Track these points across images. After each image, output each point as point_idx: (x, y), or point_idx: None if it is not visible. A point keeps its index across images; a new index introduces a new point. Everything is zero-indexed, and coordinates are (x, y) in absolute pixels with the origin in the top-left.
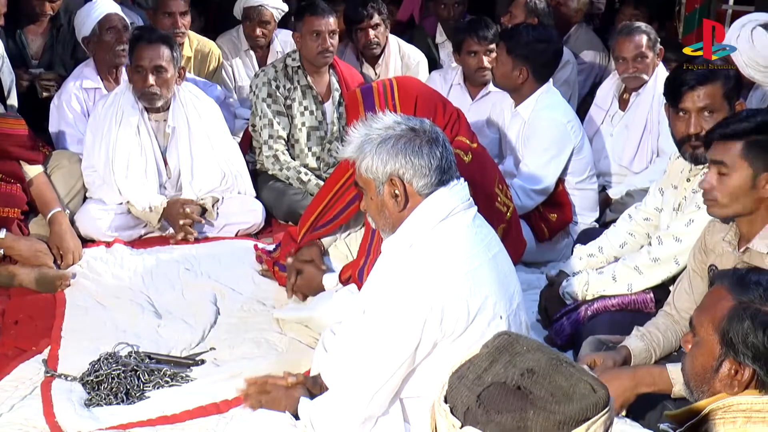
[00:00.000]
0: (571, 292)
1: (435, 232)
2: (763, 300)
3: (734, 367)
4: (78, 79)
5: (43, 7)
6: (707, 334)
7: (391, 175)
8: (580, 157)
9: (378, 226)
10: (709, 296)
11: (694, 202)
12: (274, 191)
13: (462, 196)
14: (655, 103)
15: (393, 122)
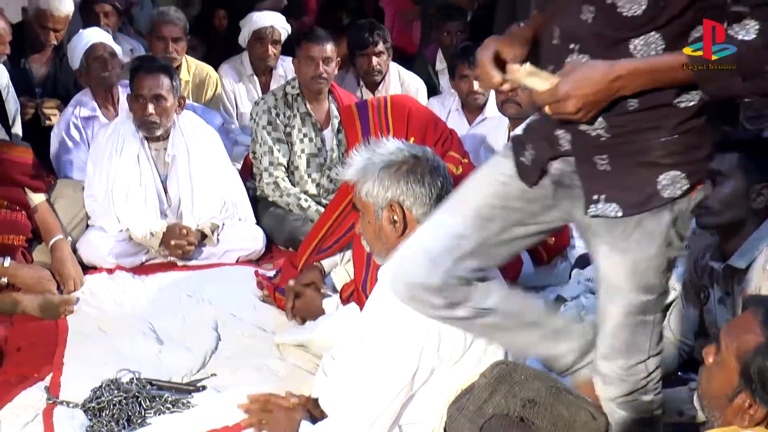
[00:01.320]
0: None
1: None
2: None
3: (749, 401)
4: (76, 108)
5: (47, 37)
6: (730, 359)
7: (391, 201)
8: None
9: (372, 250)
10: (742, 320)
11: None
12: (275, 218)
13: None
14: None
15: (396, 148)
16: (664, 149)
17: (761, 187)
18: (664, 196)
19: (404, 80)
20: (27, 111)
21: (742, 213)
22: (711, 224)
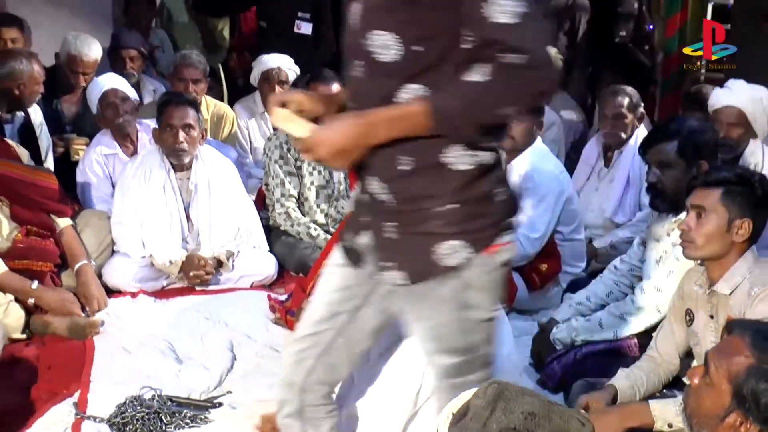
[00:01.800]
0: (561, 338)
1: None
2: None
3: (740, 420)
4: (98, 146)
5: (77, 80)
6: (720, 381)
7: None
8: (569, 207)
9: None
10: (730, 343)
11: (673, 255)
12: (286, 245)
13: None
14: (636, 160)
15: None
16: (442, 219)
17: (742, 222)
18: (444, 266)
19: None
20: (58, 147)
21: (725, 246)
22: (696, 257)
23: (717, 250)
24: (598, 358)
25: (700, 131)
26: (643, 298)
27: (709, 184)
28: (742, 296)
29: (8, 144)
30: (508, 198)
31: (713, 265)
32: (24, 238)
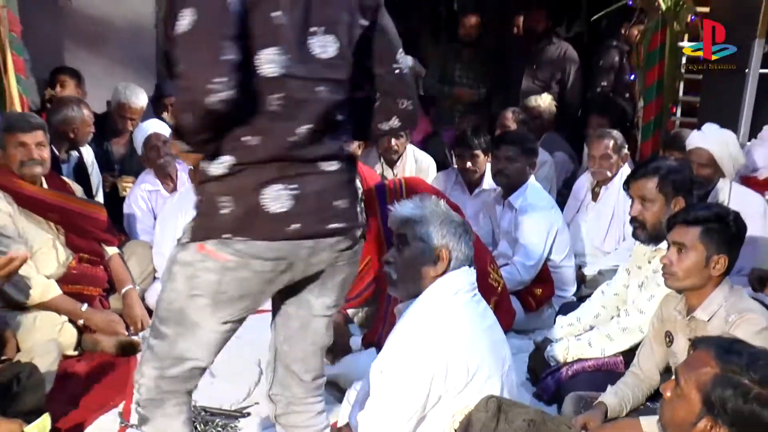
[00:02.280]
0: (555, 356)
1: (445, 305)
2: (744, 371)
3: (710, 424)
4: (142, 183)
5: (125, 125)
6: (690, 391)
7: (442, 246)
8: (561, 238)
9: (398, 278)
10: (695, 358)
11: (654, 281)
12: None
13: (470, 279)
14: (621, 195)
15: (452, 212)
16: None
17: (719, 258)
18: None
19: (418, 158)
20: (107, 184)
21: (703, 279)
22: (677, 288)
23: (696, 283)
24: (588, 374)
25: (677, 170)
26: (627, 320)
27: (688, 223)
28: (720, 322)
29: (64, 181)
30: (230, 214)
31: (692, 294)
32: (77, 265)
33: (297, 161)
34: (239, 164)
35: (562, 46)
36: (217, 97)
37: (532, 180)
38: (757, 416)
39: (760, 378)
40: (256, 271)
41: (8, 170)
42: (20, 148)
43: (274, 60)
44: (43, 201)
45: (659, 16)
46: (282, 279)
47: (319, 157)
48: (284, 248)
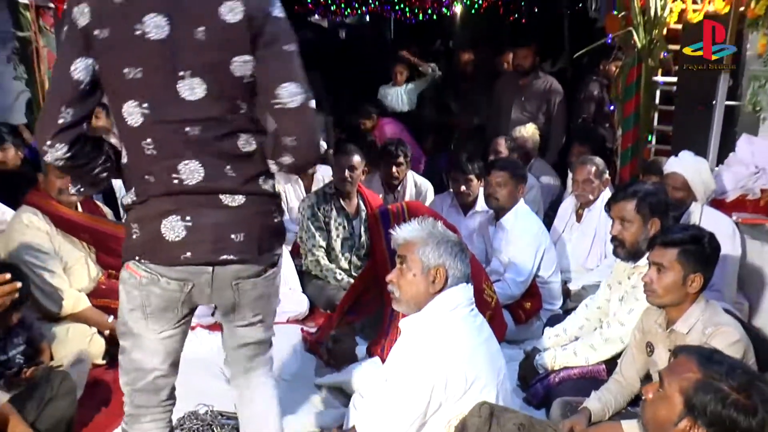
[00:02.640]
0: (543, 364)
1: (445, 319)
2: (723, 378)
3: (690, 425)
4: None
5: None
6: (673, 393)
7: (439, 266)
8: (548, 256)
9: (400, 296)
10: (679, 363)
11: (633, 296)
12: (316, 287)
13: (468, 295)
14: (602, 216)
15: (448, 232)
16: None
17: (695, 276)
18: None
19: (417, 183)
20: None
21: (681, 296)
22: (657, 304)
23: (674, 299)
24: (574, 381)
25: (653, 193)
26: (609, 331)
27: (666, 244)
28: (698, 334)
29: (97, 204)
30: (139, 239)
31: (672, 309)
32: (106, 280)
33: (193, 194)
34: (143, 196)
35: (547, 80)
36: (51, 155)
37: (521, 203)
38: (733, 420)
39: (738, 385)
40: (165, 288)
41: (47, 194)
42: (60, 178)
43: (133, 111)
44: (78, 223)
45: (635, 53)
46: (193, 297)
47: (218, 190)
48: (185, 271)
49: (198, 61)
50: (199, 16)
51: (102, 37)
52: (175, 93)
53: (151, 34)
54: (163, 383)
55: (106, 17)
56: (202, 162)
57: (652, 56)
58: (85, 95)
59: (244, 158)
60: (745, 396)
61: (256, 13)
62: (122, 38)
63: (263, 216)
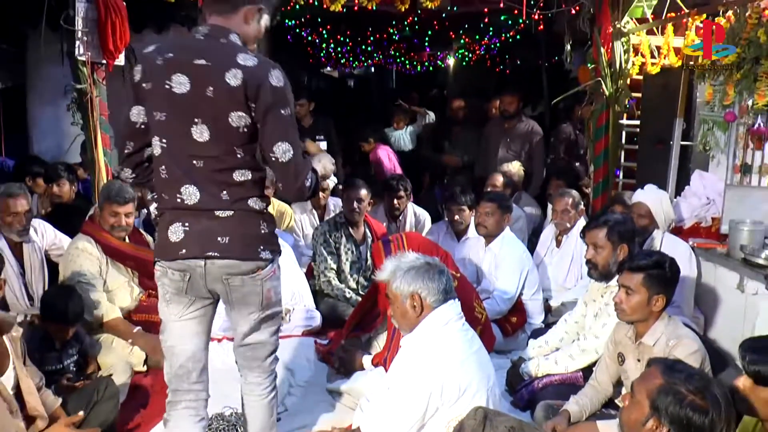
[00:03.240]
0: (528, 372)
1: (439, 334)
2: (683, 383)
3: (656, 424)
4: None
5: None
6: (642, 398)
7: (413, 293)
8: (531, 276)
9: (399, 326)
10: (647, 373)
11: (606, 312)
12: (328, 304)
13: (456, 310)
14: (578, 242)
15: (414, 257)
16: None
17: (658, 297)
18: None
19: (416, 213)
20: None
21: (646, 314)
22: (626, 321)
23: (641, 317)
24: (555, 386)
25: (622, 222)
26: (585, 343)
27: (633, 269)
28: (662, 346)
29: (140, 232)
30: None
31: (639, 324)
32: (147, 299)
33: (192, 209)
34: (161, 210)
35: (529, 123)
36: (123, 176)
37: (508, 230)
38: (689, 418)
39: (694, 389)
40: (171, 278)
41: (100, 227)
42: (114, 217)
43: (156, 144)
44: (125, 252)
45: (604, 100)
46: (193, 285)
47: (213, 207)
48: (184, 264)
49: (207, 113)
50: (210, 78)
51: (147, 88)
52: (189, 134)
53: (176, 88)
54: (191, 366)
55: (150, 74)
56: (200, 188)
57: (618, 102)
58: (141, 132)
59: (237, 185)
60: (700, 397)
61: (252, 82)
62: (157, 90)
63: (248, 226)
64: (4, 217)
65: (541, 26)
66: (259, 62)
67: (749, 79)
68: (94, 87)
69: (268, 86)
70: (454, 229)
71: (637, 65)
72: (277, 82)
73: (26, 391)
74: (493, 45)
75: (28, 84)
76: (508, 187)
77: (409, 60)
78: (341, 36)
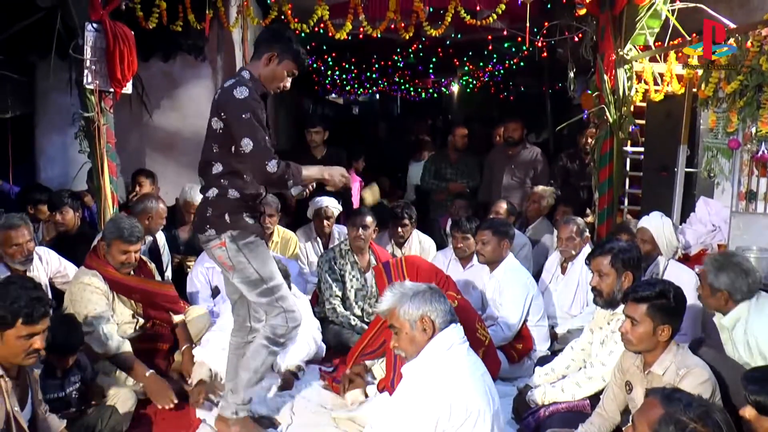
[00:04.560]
0: (534, 399)
1: (444, 357)
2: (682, 412)
3: None
4: (202, 263)
5: (189, 216)
6: (643, 428)
7: (422, 316)
8: (536, 302)
9: (406, 354)
10: (646, 404)
11: (613, 339)
12: (333, 331)
13: (460, 334)
14: (584, 269)
15: (414, 284)
16: None
17: (663, 327)
18: None
19: (421, 240)
20: (175, 262)
21: (653, 344)
22: (633, 351)
23: (647, 347)
24: (562, 414)
25: (627, 250)
26: (592, 371)
27: (637, 300)
28: (671, 374)
29: (144, 261)
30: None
31: (647, 354)
32: (150, 327)
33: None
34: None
35: (534, 150)
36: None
37: (511, 257)
38: None
39: (695, 416)
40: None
41: (105, 261)
42: (123, 255)
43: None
44: (131, 286)
45: (608, 127)
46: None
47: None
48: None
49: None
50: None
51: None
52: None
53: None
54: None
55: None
56: (203, 180)
57: (622, 129)
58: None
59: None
60: (701, 425)
61: (219, 99)
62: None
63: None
64: (6, 249)
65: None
66: (232, 82)
67: (752, 106)
68: (101, 115)
69: (231, 102)
70: (458, 255)
71: (641, 92)
72: (240, 94)
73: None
74: (496, 72)
75: (36, 112)
76: (512, 215)
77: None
78: (346, 63)
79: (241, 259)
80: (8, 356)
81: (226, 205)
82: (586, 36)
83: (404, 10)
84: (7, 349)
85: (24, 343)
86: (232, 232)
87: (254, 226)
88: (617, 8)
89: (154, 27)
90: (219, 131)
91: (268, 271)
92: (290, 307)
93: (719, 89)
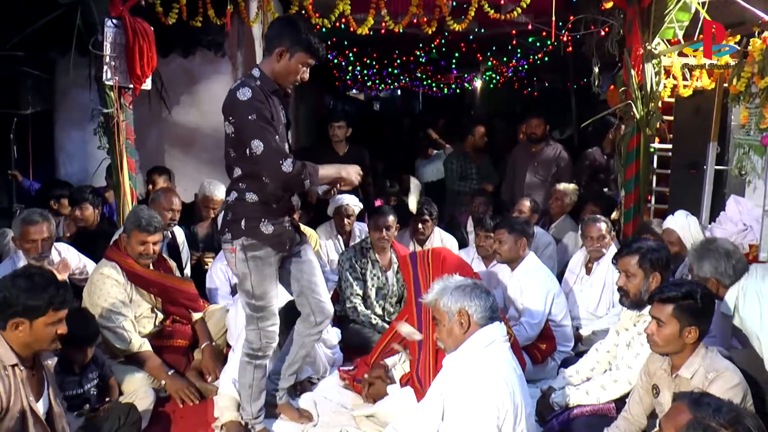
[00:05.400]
0: (558, 402)
1: (486, 354)
2: (712, 417)
3: None
4: (222, 260)
5: (207, 212)
6: None
7: (460, 309)
8: (557, 301)
9: (446, 346)
10: (674, 408)
11: (639, 341)
12: (354, 330)
13: (503, 332)
14: (610, 269)
15: (462, 278)
16: None
17: (690, 329)
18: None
19: (443, 238)
20: (193, 259)
21: (680, 346)
22: (659, 353)
23: (674, 349)
24: (586, 418)
25: (655, 250)
26: (618, 374)
27: (663, 301)
28: (700, 378)
29: (164, 258)
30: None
31: (674, 357)
32: (170, 324)
33: None
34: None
35: (557, 148)
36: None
37: (531, 255)
38: None
39: (726, 421)
40: None
41: (126, 253)
42: (142, 245)
43: None
44: (149, 279)
45: (635, 123)
46: None
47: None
48: None
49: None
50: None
51: None
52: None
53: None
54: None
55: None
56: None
57: (650, 126)
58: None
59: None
60: (732, 431)
61: (226, 103)
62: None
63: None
64: (23, 244)
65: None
66: (237, 84)
67: None
68: (120, 111)
69: (236, 106)
70: (480, 254)
71: (669, 87)
72: (243, 96)
73: (57, 417)
74: (520, 67)
75: (55, 109)
76: (536, 213)
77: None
78: (367, 59)
79: (244, 270)
80: (33, 343)
81: (243, 210)
82: (613, 30)
83: (427, 4)
84: (34, 336)
85: (51, 329)
86: (244, 241)
87: (271, 237)
88: (645, 1)
89: (174, 22)
90: (231, 135)
91: (262, 290)
92: (266, 329)
93: (752, 84)
